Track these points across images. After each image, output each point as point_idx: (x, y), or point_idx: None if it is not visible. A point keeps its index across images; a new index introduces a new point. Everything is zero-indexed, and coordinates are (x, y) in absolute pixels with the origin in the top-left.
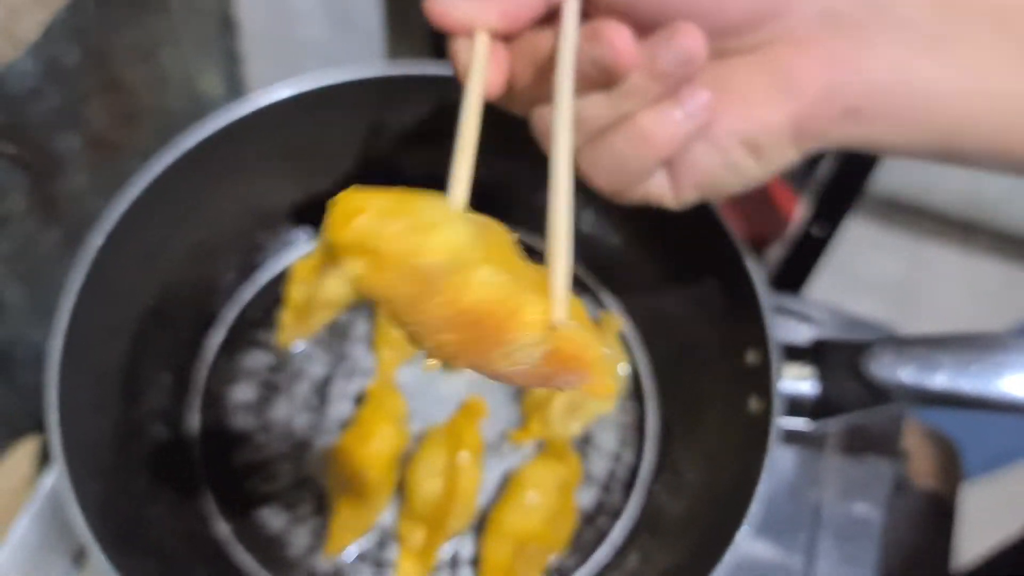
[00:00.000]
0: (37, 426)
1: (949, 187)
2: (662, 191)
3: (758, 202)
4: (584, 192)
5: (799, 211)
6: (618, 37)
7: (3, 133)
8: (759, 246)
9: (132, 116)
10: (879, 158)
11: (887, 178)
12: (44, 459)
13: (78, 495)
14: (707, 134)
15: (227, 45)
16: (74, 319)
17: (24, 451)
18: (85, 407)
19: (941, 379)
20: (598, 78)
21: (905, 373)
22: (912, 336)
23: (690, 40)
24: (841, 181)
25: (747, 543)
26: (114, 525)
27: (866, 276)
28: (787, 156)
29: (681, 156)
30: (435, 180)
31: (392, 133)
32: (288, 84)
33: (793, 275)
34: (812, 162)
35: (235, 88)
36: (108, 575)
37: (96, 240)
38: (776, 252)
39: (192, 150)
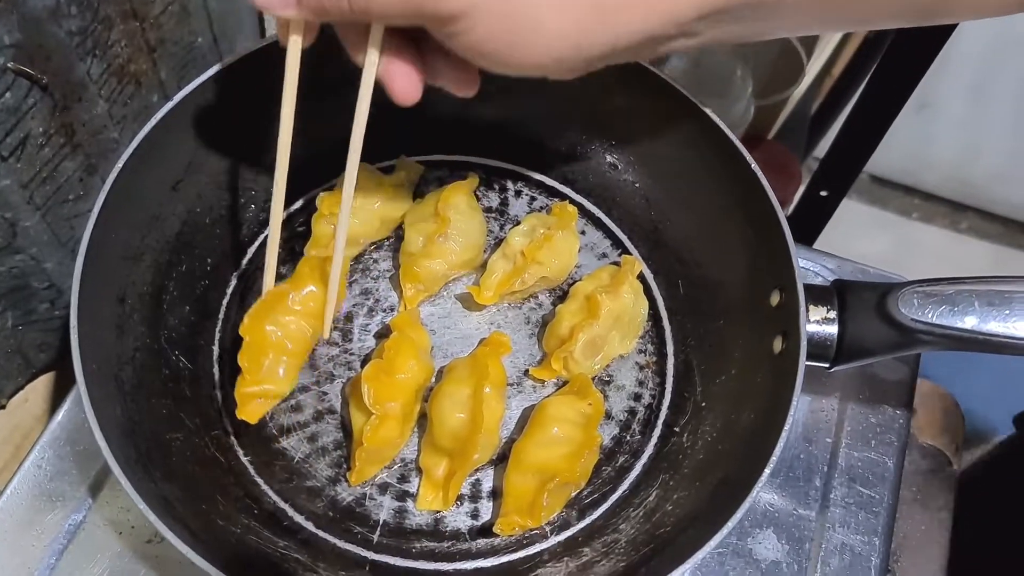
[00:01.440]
0: (52, 362)
1: (938, 167)
2: None
3: (765, 165)
4: (608, 135)
5: (802, 178)
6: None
7: (23, 53)
8: None
9: (153, 48)
10: (888, 124)
11: (876, 158)
12: (58, 397)
13: (98, 416)
14: None
15: None
16: (97, 241)
17: (38, 388)
18: (106, 329)
19: (971, 320)
20: None
21: (934, 314)
22: (939, 278)
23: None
24: (850, 144)
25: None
26: (134, 449)
27: (854, 254)
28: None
29: None
30: None
31: None
32: None
33: (803, 234)
34: (814, 132)
35: (256, 29)
36: (128, 498)
37: (118, 166)
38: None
39: (217, 76)
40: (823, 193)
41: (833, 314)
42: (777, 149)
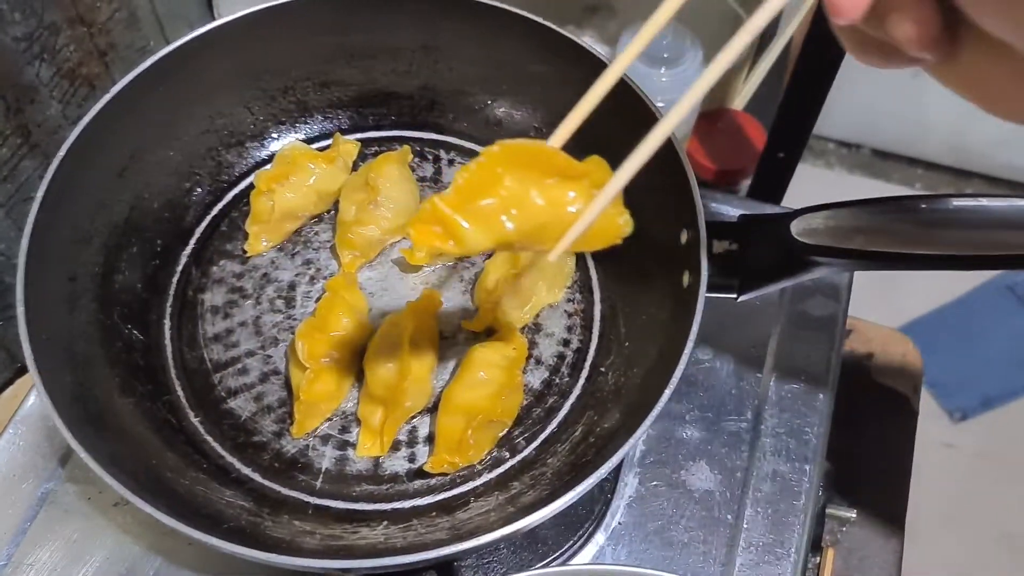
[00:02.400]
0: None
1: (937, 135)
2: None
3: (729, 138)
4: (531, 101)
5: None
6: None
7: None
8: (733, 179)
9: (104, 52)
10: (826, 82)
11: (875, 131)
12: None
13: (47, 383)
14: None
15: None
16: (42, 223)
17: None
18: (57, 305)
19: (859, 240)
20: None
21: (825, 237)
22: (832, 203)
23: None
24: (795, 104)
25: (693, 426)
26: (88, 413)
27: None
28: None
29: None
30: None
31: (357, 50)
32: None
33: (768, 194)
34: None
35: None
36: (83, 461)
37: (60, 154)
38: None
39: (157, 65)
40: (780, 155)
41: (735, 246)
42: (741, 118)
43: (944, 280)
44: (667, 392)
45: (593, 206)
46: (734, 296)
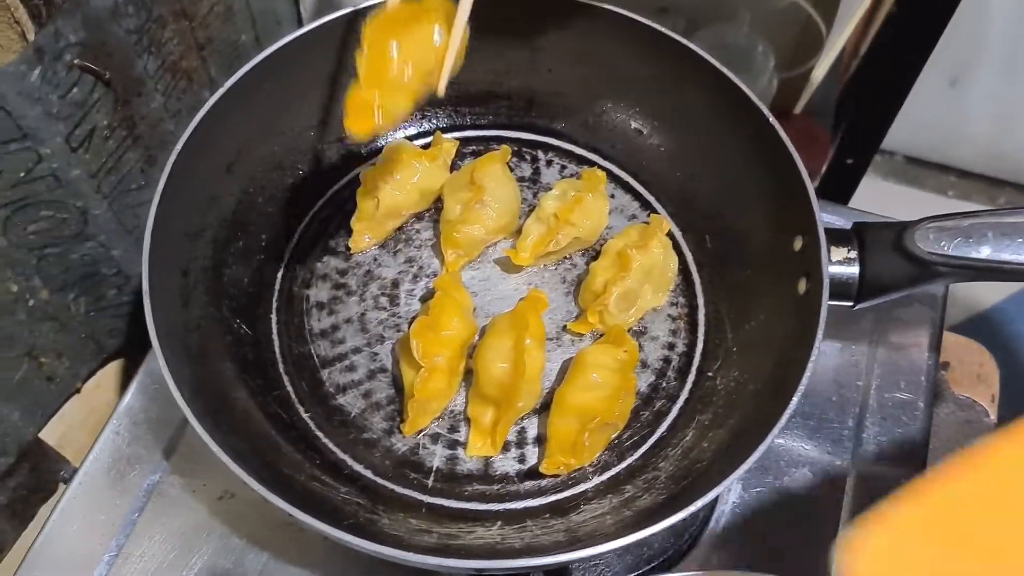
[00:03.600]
0: (121, 348)
1: (973, 143)
2: None
3: (795, 141)
4: (632, 102)
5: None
6: None
7: (87, 51)
8: None
9: (202, 45)
10: (903, 89)
11: (909, 137)
12: (128, 381)
13: (172, 373)
14: None
15: None
16: (160, 219)
17: (110, 373)
18: (172, 300)
19: (986, 251)
20: None
21: (950, 246)
22: (953, 213)
23: None
24: (871, 108)
25: (795, 433)
26: (205, 405)
27: None
28: None
29: None
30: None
31: None
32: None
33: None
34: (844, 103)
35: (296, 24)
36: (199, 458)
37: (176, 149)
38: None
39: (260, 65)
40: (849, 161)
41: (854, 254)
42: (804, 122)
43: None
44: (794, 400)
45: (454, 31)
46: (851, 304)
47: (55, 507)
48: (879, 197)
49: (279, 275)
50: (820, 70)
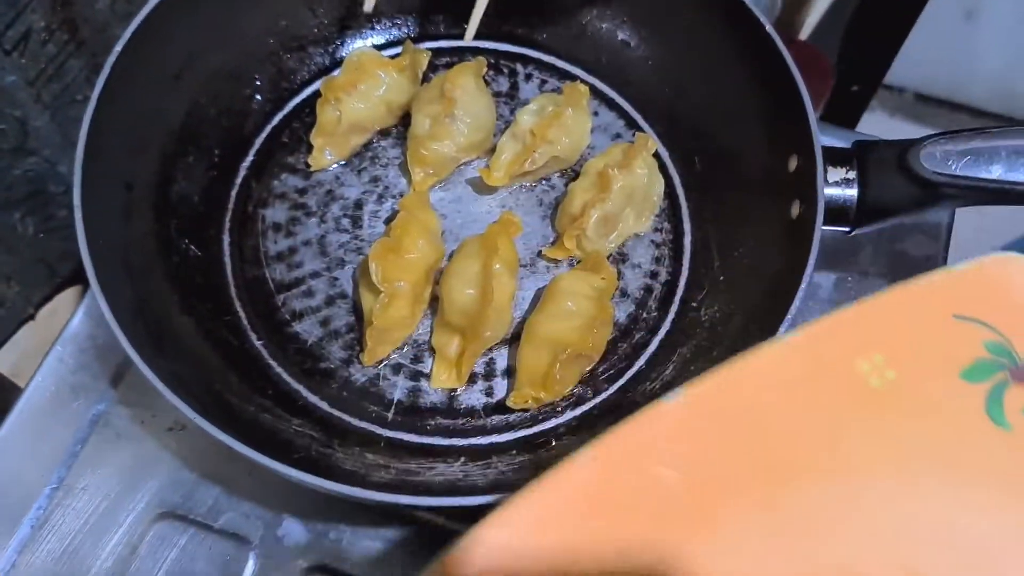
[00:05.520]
0: (76, 273)
1: (986, 80)
2: None
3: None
4: (619, 11)
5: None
6: None
7: None
8: None
9: None
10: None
11: (920, 74)
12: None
13: (108, 296)
14: None
15: None
16: (97, 128)
17: (66, 300)
18: (114, 214)
19: (997, 170)
20: None
21: (958, 166)
22: (962, 129)
23: None
24: (875, 32)
25: None
26: (146, 329)
27: None
28: None
29: None
30: None
31: None
32: None
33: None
34: (850, 34)
35: None
36: (147, 386)
37: (115, 50)
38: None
39: None
40: (854, 88)
41: (852, 175)
42: (808, 49)
43: None
44: (781, 330)
45: None
46: (847, 230)
47: None
48: (885, 134)
49: (233, 193)
50: None
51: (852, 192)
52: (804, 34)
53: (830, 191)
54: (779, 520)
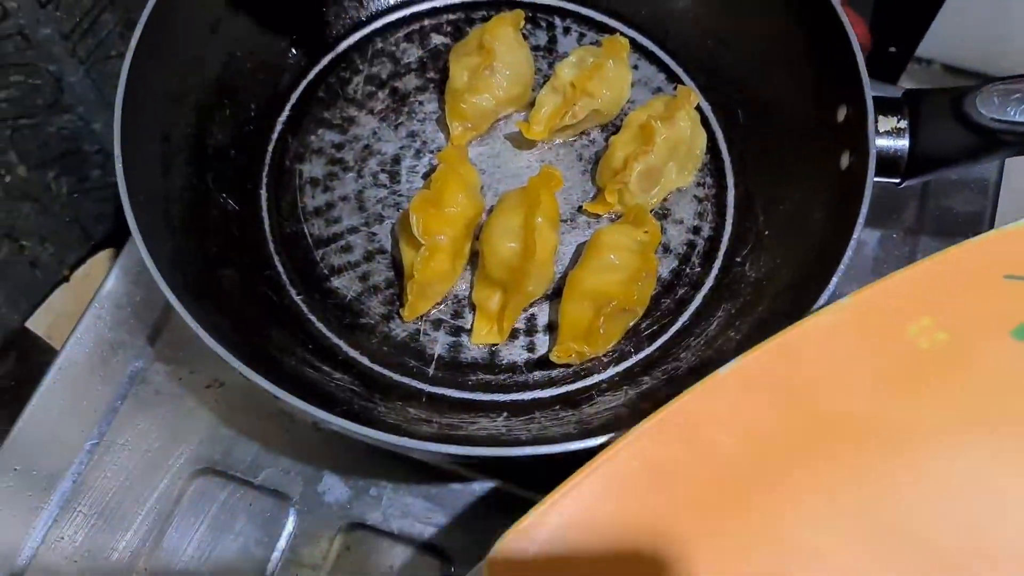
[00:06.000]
0: (111, 235)
1: (1018, 51)
2: None
3: None
4: None
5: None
6: None
7: None
8: None
9: None
10: None
11: (949, 45)
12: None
13: (149, 247)
14: None
15: None
16: (135, 78)
17: (101, 262)
18: (152, 167)
19: None
20: None
21: (1017, 111)
22: (1019, 74)
23: None
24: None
25: None
26: (185, 280)
27: None
28: None
29: None
30: None
31: None
32: None
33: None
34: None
35: None
36: (186, 342)
37: (151, 2)
38: None
39: None
40: (892, 49)
41: (903, 124)
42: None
43: None
44: (829, 289)
45: None
46: (897, 181)
47: (34, 392)
48: None
49: (270, 148)
50: None
51: (903, 142)
52: None
53: (881, 141)
54: (838, 487)
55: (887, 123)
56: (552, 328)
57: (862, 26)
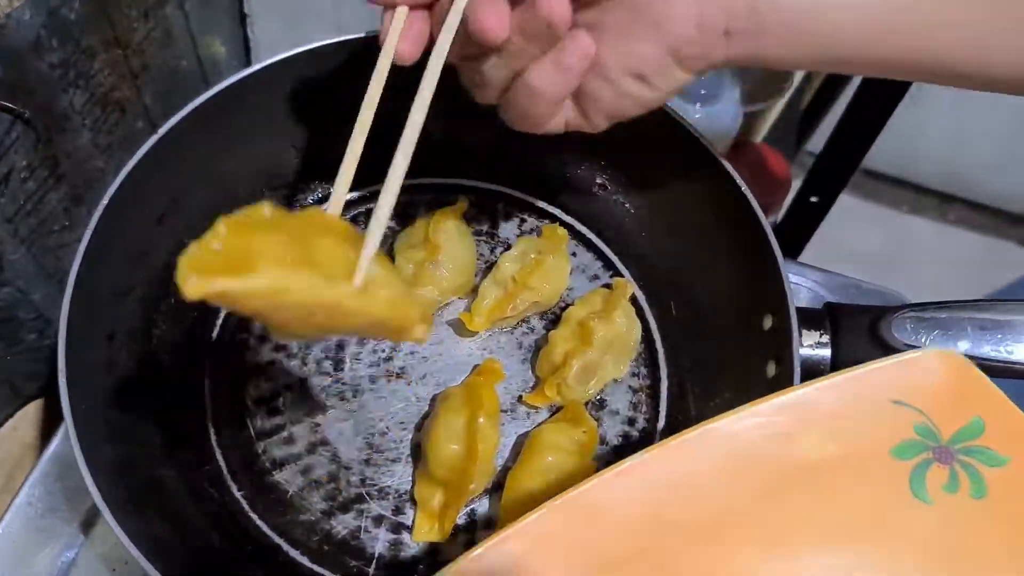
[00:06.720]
0: (40, 390)
1: (930, 159)
2: (577, 122)
3: (754, 171)
4: (597, 156)
5: (792, 180)
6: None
7: (4, 88)
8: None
9: (136, 74)
10: (880, 128)
11: (870, 152)
12: (48, 424)
13: (88, 459)
14: (597, 72)
15: (234, 5)
16: (84, 278)
17: (27, 416)
18: (96, 368)
19: (964, 345)
20: (480, 44)
21: (927, 339)
22: (930, 302)
23: (553, 5)
24: (840, 150)
25: None
26: (125, 488)
27: (846, 247)
28: (676, 79)
29: (582, 92)
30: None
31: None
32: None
33: (792, 242)
34: (804, 131)
35: (240, 51)
36: (118, 538)
37: (104, 201)
38: (771, 220)
39: (199, 109)
40: (813, 199)
41: (826, 338)
42: (765, 152)
43: None
44: None
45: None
46: None
47: None
48: (835, 210)
49: (213, 335)
50: (781, 101)
51: (825, 353)
52: (758, 136)
53: (805, 352)
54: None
55: (811, 337)
56: (491, 523)
57: (785, 167)
